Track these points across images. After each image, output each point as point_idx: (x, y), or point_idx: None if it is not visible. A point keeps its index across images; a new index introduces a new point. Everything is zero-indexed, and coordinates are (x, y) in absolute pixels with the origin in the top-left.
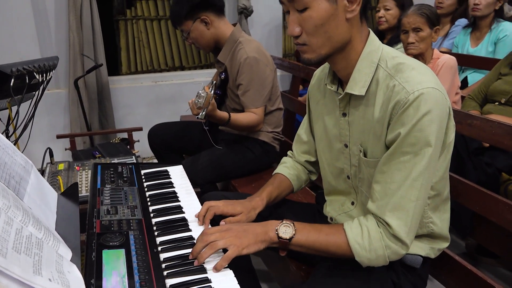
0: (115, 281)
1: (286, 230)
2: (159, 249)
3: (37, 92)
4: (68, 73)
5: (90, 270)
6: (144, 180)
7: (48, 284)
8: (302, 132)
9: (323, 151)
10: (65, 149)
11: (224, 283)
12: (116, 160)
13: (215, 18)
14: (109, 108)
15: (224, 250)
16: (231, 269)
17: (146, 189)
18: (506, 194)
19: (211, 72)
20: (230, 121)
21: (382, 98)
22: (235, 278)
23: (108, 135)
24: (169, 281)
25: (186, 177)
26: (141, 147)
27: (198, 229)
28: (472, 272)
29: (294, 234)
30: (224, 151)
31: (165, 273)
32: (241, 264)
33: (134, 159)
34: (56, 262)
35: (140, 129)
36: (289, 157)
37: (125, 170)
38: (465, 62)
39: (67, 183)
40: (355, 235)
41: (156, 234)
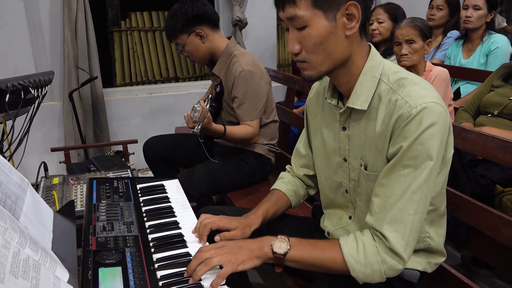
0: None
1: (281, 246)
2: (156, 266)
3: (33, 107)
4: (63, 86)
5: None
6: (140, 195)
7: None
8: (301, 146)
9: (321, 165)
10: (60, 162)
11: None
12: (111, 174)
13: (210, 32)
14: (104, 120)
15: (220, 267)
16: (228, 285)
17: (142, 204)
18: (501, 206)
19: (206, 84)
20: (226, 134)
21: (384, 112)
22: None
23: (103, 148)
24: None
25: (182, 192)
26: (136, 159)
27: (195, 245)
28: (469, 286)
29: (289, 250)
30: (220, 164)
31: None
32: (238, 280)
33: (129, 173)
34: (53, 285)
35: (135, 142)
36: (287, 172)
37: (121, 185)
38: (458, 74)
39: (62, 198)
40: (351, 250)
41: (153, 251)
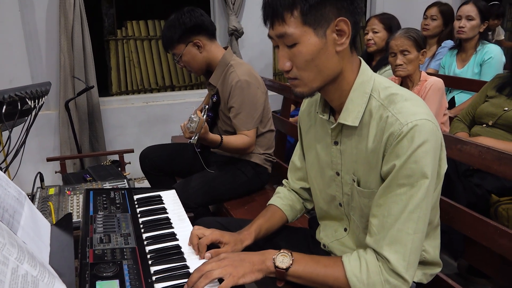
0: None
1: (284, 260)
2: (154, 279)
3: (29, 118)
4: (59, 95)
5: None
6: (137, 206)
7: None
8: (296, 159)
9: (315, 178)
10: (55, 172)
11: None
12: (108, 184)
13: (207, 42)
14: (100, 129)
15: (220, 280)
16: None
17: (139, 215)
18: (496, 216)
19: (202, 93)
20: (222, 144)
21: (376, 129)
22: None
23: (99, 157)
24: None
25: (179, 202)
26: (132, 168)
27: (192, 257)
28: None
29: (291, 264)
30: (216, 174)
31: None
32: None
33: (126, 183)
34: None
35: (132, 151)
36: (283, 187)
37: (118, 196)
38: (452, 84)
39: (58, 209)
40: (353, 268)
41: (150, 263)
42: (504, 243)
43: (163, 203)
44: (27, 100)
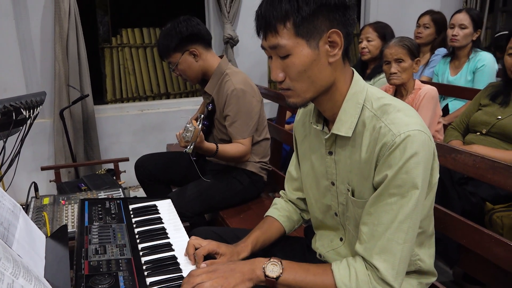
0: None
1: (273, 269)
2: None
3: (24, 127)
4: (53, 103)
5: None
6: (133, 216)
7: None
8: (292, 169)
9: (310, 187)
10: (50, 181)
11: None
12: (103, 193)
13: (203, 51)
14: (95, 138)
15: None
16: None
17: (135, 226)
18: (491, 223)
19: (197, 101)
20: (218, 153)
21: (369, 139)
22: None
23: (94, 165)
24: None
25: (175, 212)
26: (127, 176)
27: (188, 268)
28: None
29: (281, 273)
30: (212, 182)
31: None
32: None
33: (121, 192)
34: None
35: (127, 160)
36: (281, 198)
37: (113, 206)
38: (446, 92)
39: (53, 219)
40: (343, 277)
41: (146, 274)
42: (499, 252)
43: (159, 213)
44: (22, 110)
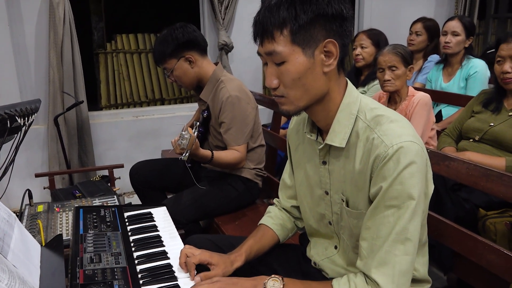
0: None
1: (274, 285)
2: None
3: (18, 135)
4: (48, 109)
5: None
6: (128, 224)
7: None
8: (286, 177)
9: (304, 196)
10: (44, 188)
11: None
12: (97, 200)
13: (199, 57)
14: (89, 144)
15: None
16: None
17: (130, 234)
18: (484, 230)
19: (192, 107)
20: (213, 159)
21: (362, 150)
22: None
23: (88, 172)
24: None
25: (170, 219)
26: (122, 182)
27: (183, 277)
28: None
29: None
30: (207, 189)
31: None
32: None
33: (116, 199)
34: None
35: (121, 166)
36: (274, 206)
37: (108, 214)
38: (439, 98)
39: (47, 227)
40: None
41: (141, 283)
42: (492, 259)
43: (154, 221)
44: (17, 118)
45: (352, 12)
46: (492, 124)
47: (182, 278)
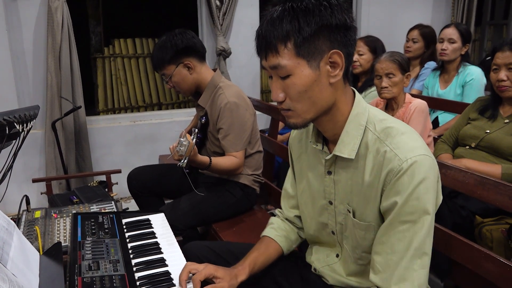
0: None
1: None
2: None
3: (17, 141)
4: (45, 114)
5: None
6: (126, 230)
7: None
8: (289, 186)
9: (306, 205)
10: (41, 193)
11: None
12: (95, 206)
13: (198, 64)
14: (87, 149)
15: None
16: None
17: (128, 240)
18: (481, 237)
19: (190, 112)
20: (211, 166)
21: (373, 162)
22: None
23: (86, 177)
24: None
25: (168, 226)
26: (119, 187)
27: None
28: None
29: None
30: (205, 196)
31: None
32: None
33: (114, 205)
34: None
35: (119, 172)
36: (277, 217)
37: (106, 220)
38: (435, 105)
39: (45, 233)
40: None
41: None
42: (489, 267)
43: (152, 227)
44: (15, 125)
45: (355, 21)
46: (488, 131)
47: (181, 286)
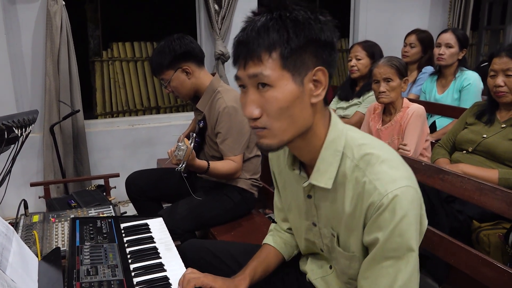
0: None
1: None
2: None
3: (15, 145)
4: (43, 118)
5: None
6: (124, 235)
7: None
8: (277, 200)
9: (294, 220)
10: (39, 197)
11: None
12: (93, 211)
13: (196, 68)
14: (85, 153)
15: None
16: None
17: (127, 245)
18: (478, 241)
19: (188, 116)
20: (209, 170)
21: (352, 192)
22: None
23: (84, 181)
24: None
25: (166, 231)
26: (117, 191)
27: None
28: None
29: None
30: (203, 200)
31: None
32: None
33: (112, 209)
34: None
35: (117, 176)
36: (276, 224)
37: (104, 225)
38: (433, 110)
39: (43, 237)
40: None
41: None
42: (486, 272)
43: (150, 232)
44: (14, 129)
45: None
46: (485, 136)
47: None
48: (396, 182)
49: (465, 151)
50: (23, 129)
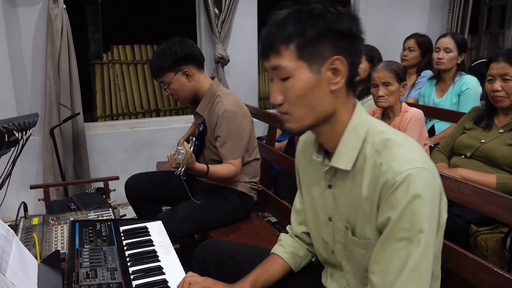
0: None
1: None
2: None
3: (16, 148)
4: (43, 120)
5: None
6: (123, 238)
7: None
8: (297, 201)
9: (312, 221)
10: (38, 200)
11: None
12: (93, 214)
13: (196, 72)
14: (85, 155)
15: None
16: None
17: (126, 248)
18: (476, 246)
19: (188, 119)
20: (209, 173)
21: (370, 175)
22: None
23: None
24: None
25: (166, 234)
26: (117, 194)
27: None
28: None
29: None
30: (202, 203)
31: None
32: None
33: (111, 212)
34: None
35: (117, 178)
36: (286, 233)
37: (104, 228)
38: (431, 114)
39: (42, 240)
40: None
41: None
42: (484, 277)
43: (150, 235)
44: (15, 132)
45: (362, 31)
46: (483, 141)
47: None
48: (411, 163)
49: (464, 156)
50: (24, 132)
